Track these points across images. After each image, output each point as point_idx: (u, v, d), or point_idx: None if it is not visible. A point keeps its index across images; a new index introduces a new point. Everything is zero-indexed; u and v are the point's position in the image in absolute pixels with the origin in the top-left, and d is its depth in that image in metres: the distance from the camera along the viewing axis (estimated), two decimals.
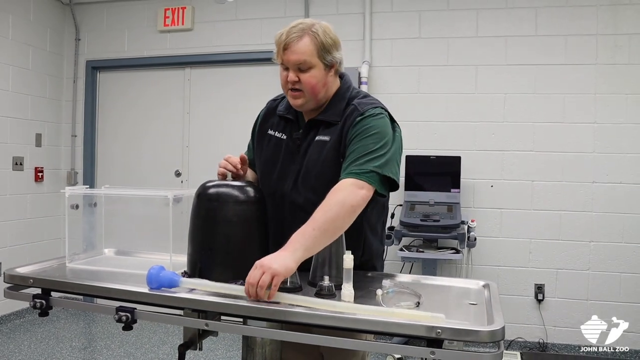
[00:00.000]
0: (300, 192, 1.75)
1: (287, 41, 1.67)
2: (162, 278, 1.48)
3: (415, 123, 4.11)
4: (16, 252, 4.53)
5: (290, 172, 1.78)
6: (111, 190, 1.98)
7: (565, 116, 4.05)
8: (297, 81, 1.70)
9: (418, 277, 1.87)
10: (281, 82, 1.76)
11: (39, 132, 4.80)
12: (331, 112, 1.78)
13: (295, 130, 1.83)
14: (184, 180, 4.90)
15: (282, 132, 1.84)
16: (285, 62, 1.70)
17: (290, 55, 1.68)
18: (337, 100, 1.79)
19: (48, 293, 1.61)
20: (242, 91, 4.70)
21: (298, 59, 1.68)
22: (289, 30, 1.69)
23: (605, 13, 3.98)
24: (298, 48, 1.67)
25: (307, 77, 1.70)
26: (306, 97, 1.73)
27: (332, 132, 1.75)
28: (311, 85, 1.70)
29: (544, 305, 4.08)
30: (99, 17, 5.04)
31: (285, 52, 1.68)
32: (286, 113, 1.85)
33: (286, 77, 1.72)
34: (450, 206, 3.84)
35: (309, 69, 1.69)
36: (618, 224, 3.97)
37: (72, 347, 3.98)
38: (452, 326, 1.23)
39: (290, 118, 1.84)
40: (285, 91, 1.77)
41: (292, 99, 1.75)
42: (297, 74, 1.70)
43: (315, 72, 1.70)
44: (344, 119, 1.75)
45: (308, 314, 1.34)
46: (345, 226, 1.56)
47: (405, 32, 4.31)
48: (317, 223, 1.50)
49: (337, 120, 1.75)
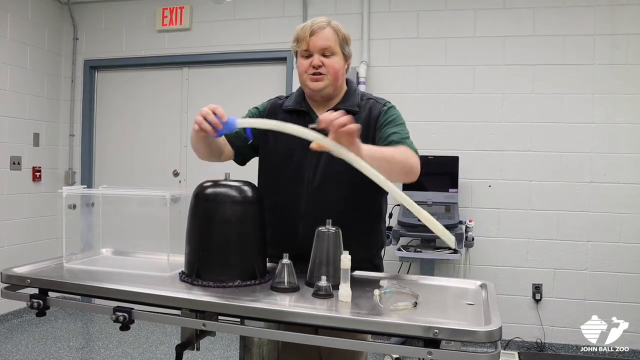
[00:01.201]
0: (324, 176, 1.82)
1: (313, 28, 1.81)
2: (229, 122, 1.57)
3: (413, 123, 4.04)
4: (14, 252, 4.52)
5: (309, 160, 1.84)
6: (109, 190, 1.98)
7: (563, 116, 4.05)
8: (321, 65, 1.81)
9: (416, 277, 1.87)
10: (300, 70, 1.86)
11: (36, 131, 4.80)
12: (349, 102, 1.89)
13: (308, 121, 1.84)
14: (182, 180, 4.90)
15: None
16: (312, 47, 1.81)
17: (318, 41, 1.81)
18: (351, 94, 1.93)
19: (45, 293, 1.61)
20: (240, 91, 4.69)
21: (324, 44, 1.81)
22: (312, 21, 1.83)
23: (603, 13, 3.99)
24: (324, 34, 1.81)
25: (331, 62, 1.83)
26: (328, 81, 1.83)
27: (354, 120, 1.80)
28: (335, 70, 1.83)
29: (541, 305, 4.09)
30: (97, 16, 5.04)
31: (312, 37, 1.81)
32: (298, 106, 1.93)
33: (309, 64, 1.82)
34: (448, 206, 3.85)
35: (332, 55, 1.83)
36: (616, 224, 3.98)
37: (70, 347, 3.97)
38: (449, 326, 1.23)
39: (302, 110, 1.92)
40: (305, 79, 1.85)
41: (314, 82, 1.83)
42: (320, 59, 1.81)
43: (337, 59, 1.84)
44: (368, 109, 1.88)
45: (305, 314, 1.34)
46: (394, 176, 1.62)
47: (403, 32, 4.32)
48: (386, 152, 1.66)
49: (357, 110, 1.87)
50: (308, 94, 1.91)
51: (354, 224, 1.82)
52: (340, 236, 1.59)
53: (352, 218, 1.82)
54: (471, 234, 3.73)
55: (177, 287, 1.57)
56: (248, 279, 1.60)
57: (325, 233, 1.59)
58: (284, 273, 1.54)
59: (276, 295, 1.51)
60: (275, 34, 4.56)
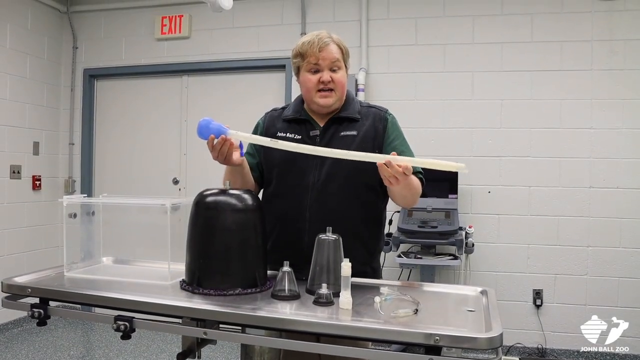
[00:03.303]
0: (329, 181, 1.84)
1: (321, 44, 1.83)
2: (212, 129, 1.66)
3: (412, 129, 4.09)
4: (14, 261, 4.51)
5: (312, 166, 1.85)
6: (109, 199, 1.98)
7: (561, 122, 4.06)
8: (330, 81, 1.84)
9: (416, 283, 1.88)
10: (308, 85, 1.86)
11: (36, 140, 4.80)
12: (350, 110, 1.92)
13: (310, 129, 1.91)
14: (181, 188, 4.90)
15: (294, 133, 1.91)
16: (322, 62, 1.83)
17: (327, 55, 1.83)
18: (350, 102, 1.95)
19: (46, 302, 1.61)
20: (239, 98, 4.71)
21: (334, 57, 1.84)
22: (317, 37, 1.84)
23: (600, 19, 4.01)
24: (332, 49, 1.84)
25: (339, 77, 1.86)
26: (336, 96, 1.87)
27: (356, 127, 1.89)
28: (342, 84, 1.87)
29: (542, 310, 4.08)
30: (97, 25, 5.05)
31: (321, 52, 1.82)
32: (298, 115, 1.94)
33: (317, 80, 1.84)
34: (448, 212, 3.85)
35: (339, 69, 1.86)
36: (615, 229, 3.98)
37: (71, 356, 3.96)
38: (450, 333, 1.23)
39: (303, 119, 1.93)
40: (312, 94, 1.86)
41: (323, 98, 1.86)
42: (330, 74, 1.84)
43: (343, 73, 1.88)
44: (371, 118, 1.92)
45: (306, 322, 1.34)
46: (406, 202, 1.86)
47: (401, 39, 4.33)
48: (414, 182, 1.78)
49: (358, 117, 1.91)
50: (315, 109, 1.91)
51: (358, 227, 1.86)
52: (340, 244, 1.60)
53: (357, 222, 1.86)
54: (471, 240, 3.73)
55: (177, 296, 1.57)
56: (249, 287, 1.60)
57: (325, 240, 1.59)
58: (284, 281, 1.54)
59: (277, 303, 1.50)
60: (274, 41, 4.57)
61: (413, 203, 1.86)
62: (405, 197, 1.82)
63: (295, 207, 1.85)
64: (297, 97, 2.02)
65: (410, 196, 1.81)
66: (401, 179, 1.57)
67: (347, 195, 1.84)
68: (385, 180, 1.60)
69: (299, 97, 2.00)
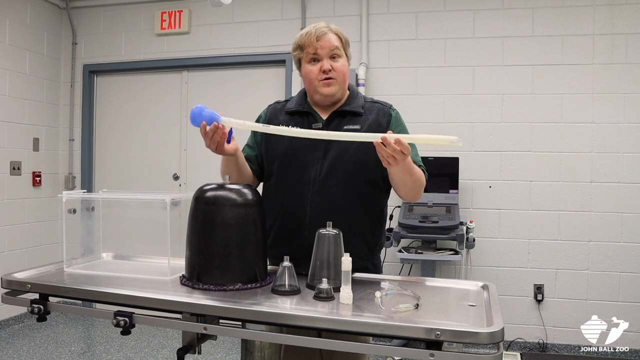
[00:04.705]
0: (331, 174, 1.83)
1: (318, 34, 1.82)
2: (204, 115, 1.65)
3: (412, 124, 4.06)
4: (14, 257, 4.52)
5: (315, 159, 1.85)
6: (109, 194, 1.97)
7: (562, 116, 4.05)
8: (331, 69, 1.83)
9: (417, 278, 1.87)
10: (311, 77, 1.86)
11: (36, 136, 4.80)
12: (354, 104, 1.91)
13: (313, 122, 1.91)
14: (182, 184, 4.90)
15: (296, 126, 1.88)
16: (320, 51, 1.82)
17: (325, 43, 1.82)
18: (354, 96, 1.95)
19: (46, 298, 1.61)
20: (240, 94, 4.70)
21: (333, 45, 1.83)
22: (314, 27, 1.85)
23: (602, 13, 3.99)
24: (330, 37, 1.84)
25: (340, 66, 1.85)
26: (338, 85, 1.86)
27: (359, 122, 1.89)
28: (343, 73, 1.86)
29: (543, 305, 4.08)
30: (96, 21, 5.04)
31: (319, 42, 1.82)
32: (301, 108, 1.94)
33: (318, 69, 1.83)
34: (449, 207, 3.84)
35: (339, 57, 1.85)
36: (616, 224, 3.97)
37: (71, 351, 3.97)
38: (451, 328, 1.23)
39: (306, 111, 1.93)
40: (315, 84, 1.86)
41: (326, 87, 1.85)
42: (330, 63, 1.83)
43: (343, 62, 1.87)
44: (375, 112, 1.92)
45: (307, 317, 1.34)
46: (409, 193, 1.82)
47: (402, 34, 4.32)
48: (416, 171, 1.77)
49: (361, 111, 1.90)
50: (318, 100, 1.90)
51: (359, 223, 1.85)
52: (341, 238, 1.59)
53: (358, 217, 1.85)
54: (472, 235, 3.73)
55: (177, 291, 1.57)
56: (249, 282, 1.59)
57: (325, 235, 1.59)
58: (285, 276, 1.54)
59: (277, 298, 1.50)
60: (274, 36, 4.56)
61: (416, 194, 1.82)
62: (406, 185, 1.77)
63: (296, 201, 1.84)
64: (300, 90, 2.01)
65: (412, 183, 1.76)
66: (399, 157, 1.53)
67: (348, 189, 1.83)
68: (384, 161, 1.57)
69: (302, 91, 1.99)
